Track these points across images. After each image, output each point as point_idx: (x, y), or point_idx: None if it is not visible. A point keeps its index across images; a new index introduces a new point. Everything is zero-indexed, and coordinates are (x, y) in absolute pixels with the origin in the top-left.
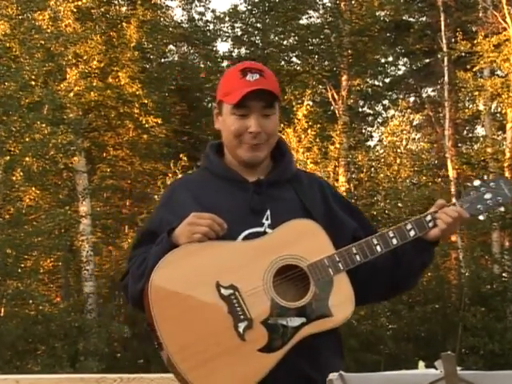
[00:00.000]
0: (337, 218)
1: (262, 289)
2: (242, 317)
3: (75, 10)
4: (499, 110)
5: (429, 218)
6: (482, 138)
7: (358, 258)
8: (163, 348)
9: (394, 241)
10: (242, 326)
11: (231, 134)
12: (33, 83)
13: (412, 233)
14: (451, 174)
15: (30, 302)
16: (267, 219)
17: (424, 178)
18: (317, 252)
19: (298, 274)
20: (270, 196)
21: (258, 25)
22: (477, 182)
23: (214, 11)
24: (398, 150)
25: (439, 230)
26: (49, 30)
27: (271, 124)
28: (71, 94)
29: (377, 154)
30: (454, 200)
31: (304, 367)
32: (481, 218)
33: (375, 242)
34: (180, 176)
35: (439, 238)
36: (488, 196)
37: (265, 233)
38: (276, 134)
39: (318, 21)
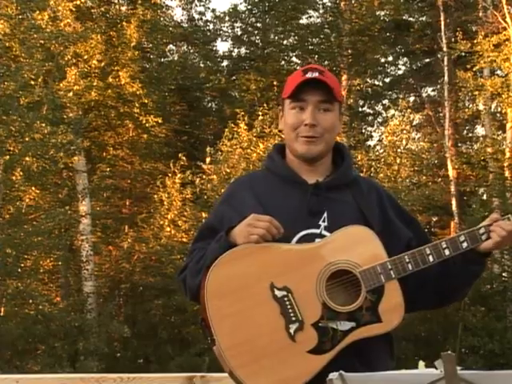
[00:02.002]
0: (392, 226)
1: (315, 292)
2: (293, 318)
3: (75, 10)
4: (499, 109)
5: (482, 230)
6: (481, 138)
7: (409, 266)
8: (215, 344)
9: (447, 252)
10: (293, 327)
11: (289, 127)
12: (32, 83)
13: (465, 244)
14: (451, 173)
15: (30, 301)
16: (324, 221)
17: (424, 177)
18: (370, 259)
19: (350, 279)
20: (327, 198)
21: (258, 24)
22: None
23: (213, 11)
24: (398, 150)
25: (493, 243)
26: (48, 30)
27: (328, 119)
28: (71, 94)
29: (377, 153)
30: (510, 215)
31: (357, 368)
32: None
33: (428, 252)
34: (244, 174)
35: (491, 251)
36: None
37: (321, 234)
38: (333, 131)
39: (318, 20)
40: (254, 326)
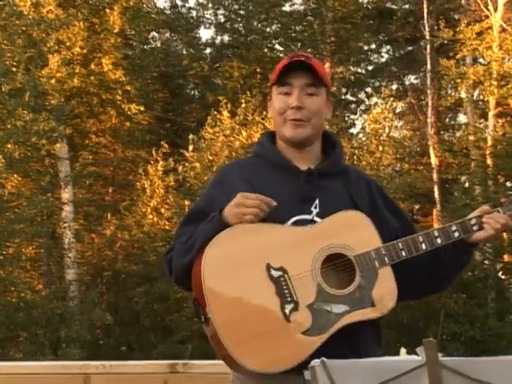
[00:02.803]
0: (381, 215)
1: (310, 274)
2: (288, 299)
3: None
4: (481, 97)
5: (473, 221)
6: (464, 126)
7: (403, 253)
8: (210, 323)
9: (439, 240)
10: (288, 307)
11: (276, 112)
12: (14, 69)
13: (456, 234)
14: (433, 161)
15: (12, 289)
16: (316, 207)
17: (406, 165)
18: (365, 244)
19: (344, 263)
20: (319, 186)
21: (241, 12)
22: None
23: None
24: (381, 138)
25: (486, 235)
26: (30, 16)
27: (314, 102)
28: (53, 81)
29: (359, 141)
30: (500, 208)
31: (345, 353)
32: None
33: (421, 240)
34: (232, 161)
35: (481, 242)
36: None
37: (312, 220)
38: (320, 115)
39: (301, 8)
40: (249, 305)
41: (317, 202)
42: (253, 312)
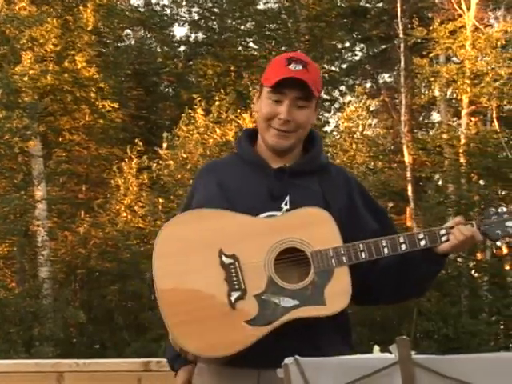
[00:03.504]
0: (358, 216)
1: (263, 264)
2: (236, 286)
3: None
4: (454, 96)
5: (443, 231)
6: (437, 124)
7: (363, 255)
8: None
9: (403, 246)
10: (235, 294)
11: (262, 116)
12: None
13: (422, 242)
14: (407, 159)
15: None
16: (286, 205)
17: (380, 163)
18: (324, 241)
19: (300, 258)
20: (291, 183)
21: (215, 9)
22: (502, 209)
23: None
24: (355, 136)
25: (449, 245)
26: (3, 13)
27: (302, 116)
28: (26, 78)
29: (333, 139)
30: (475, 220)
31: (304, 349)
32: (498, 243)
33: (384, 244)
34: (209, 160)
35: (448, 252)
36: (510, 224)
37: None
38: (307, 127)
39: (275, 6)
40: (197, 288)
41: (287, 199)
42: (199, 295)
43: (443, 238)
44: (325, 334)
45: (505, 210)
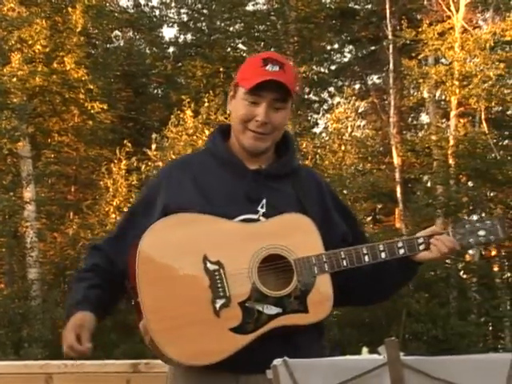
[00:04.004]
0: (330, 219)
1: (247, 272)
2: (221, 294)
3: None
4: (443, 97)
5: (421, 240)
6: (426, 126)
7: (344, 263)
8: (140, 309)
9: (383, 255)
10: (219, 302)
11: (239, 118)
12: None
13: (401, 251)
14: (396, 160)
15: None
16: (262, 207)
17: (369, 164)
18: (307, 249)
19: (283, 265)
20: (267, 186)
21: (205, 11)
22: (474, 218)
23: None
24: (344, 137)
25: (432, 256)
26: None
27: (279, 117)
28: (15, 79)
29: (322, 140)
30: (449, 229)
31: (283, 354)
32: (470, 252)
33: (364, 252)
34: (180, 156)
35: (425, 261)
36: (482, 233)
37: (258, 220)
38: (282, 128)
39: (264, 7)
40: (181, 295)
41: (264, 202)
42: (183, 302)
43: (421, 247)
44: (303, 335)
45: (477, 218)
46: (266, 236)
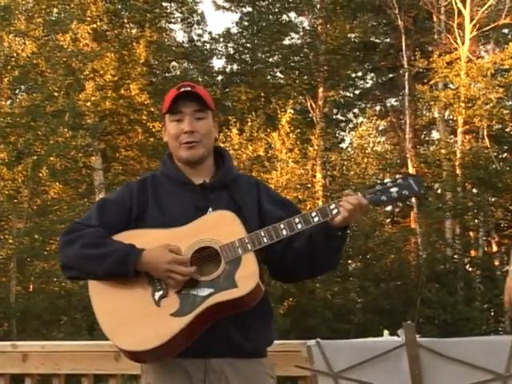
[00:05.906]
0: (265, 210)
1: None
2: (158, 287)
3: (92, 32)
4: (451, 117)
5: (333, 206)
6: (437, 141)
7: (265, 240)
8: None
9: (299, 225)
10: (158, 294)
11: (171, 137)
12: (56, 94)
13: (316, 219)
14: (411, 171)
15: (55, 279)
16: None
17: (388, 174)
18: (231, 236)
19: (212, 253)
20: (211, 196)
21: (248, 45)
22: (386, 180)
23: (210, 33)
24: (366, 151)
25: (342, 217)
26: (70, 49)
27: (203, 125)
28: (89, 103)
29: (348, 154)
30: (359, 192)
31: (233, 335)
32: (388, 208)
33: (282, 227)
34: (142, 177)
35: (345, 224)
36: (394, 189)
37: None
38: (210, 136)
39: (299, 41)
40: (124, 296)
41: (210, 209)
42: (127, 301)
43: (334, 212)
44: (252, 320)
45: (388, 180)
46: (194, 233)
